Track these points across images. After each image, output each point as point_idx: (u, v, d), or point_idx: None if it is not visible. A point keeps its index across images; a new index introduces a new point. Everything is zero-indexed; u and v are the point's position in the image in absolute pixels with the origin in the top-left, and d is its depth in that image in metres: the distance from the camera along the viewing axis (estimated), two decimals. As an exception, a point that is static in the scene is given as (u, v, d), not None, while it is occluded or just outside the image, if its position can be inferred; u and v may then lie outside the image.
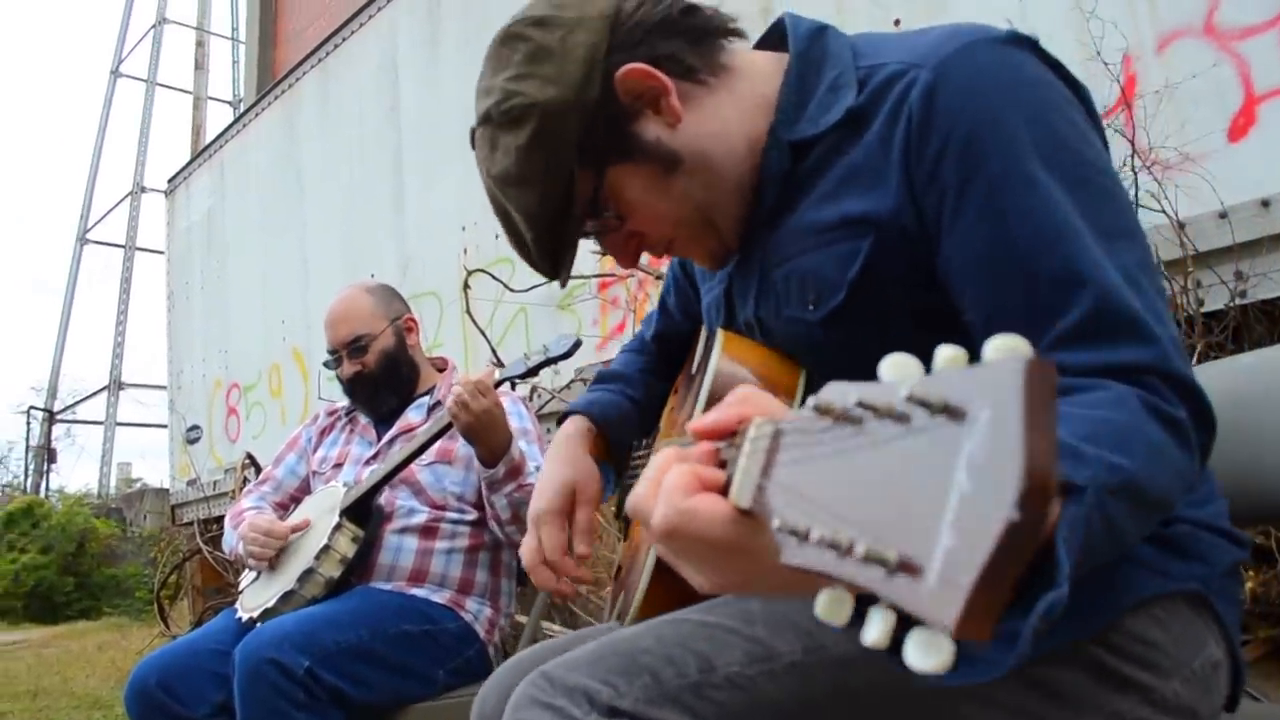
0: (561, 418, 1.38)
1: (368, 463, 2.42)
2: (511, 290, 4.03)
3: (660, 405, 1.46)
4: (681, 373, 1.43)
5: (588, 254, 3.88)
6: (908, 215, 0.92)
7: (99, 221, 25.74)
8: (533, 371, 2.17)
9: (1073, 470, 0.65)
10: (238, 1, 26.95)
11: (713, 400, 1.01)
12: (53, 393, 24.54)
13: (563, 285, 1.16)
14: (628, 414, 1.39)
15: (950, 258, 0.90)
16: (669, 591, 1.03)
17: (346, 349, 2.46)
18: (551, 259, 1.09)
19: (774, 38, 1.12)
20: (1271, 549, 2.48)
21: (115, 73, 26.68)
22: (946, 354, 0.42)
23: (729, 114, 1.03)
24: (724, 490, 0.61)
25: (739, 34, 1.08)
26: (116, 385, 23.73)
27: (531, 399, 3.80)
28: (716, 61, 1.04)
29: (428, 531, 2.29)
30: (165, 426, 7.97)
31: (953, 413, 0.38)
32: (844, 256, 0.97)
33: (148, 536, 12.04)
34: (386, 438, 2.45)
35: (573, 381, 3.71)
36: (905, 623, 0.40)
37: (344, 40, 5.74)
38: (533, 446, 2.34)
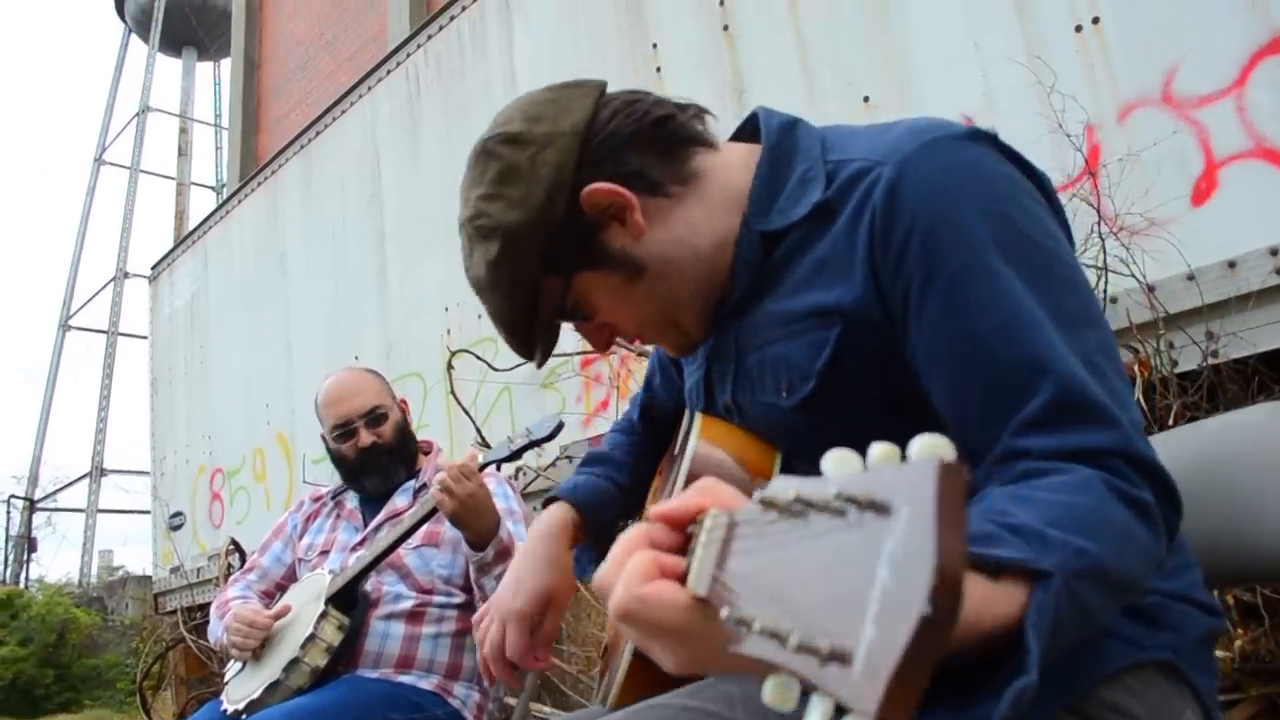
0: (546, 502, 1.39)
1: (354, 549, 2.41)
2: (495, 370, 4.05)
3: (646, 485, 1.47)
4: (666, 454, 1.45)
5: (569, 331, 3.91)
6: (874, 306, 0.95)
7: (82, 308, 25.74)
8: (516, 454, 2.18)
9: (1039, 556, 0.67)
10: (221, 89, 27.39)
11: (691, 482, 1.03)
12: (33, 481, 24.26)
13: (539, 366, 1.20)
14: (610, 499, 1.41)
15: (916, 349, 0.93)
16: (649, 675, 1.03)
17: (364, 419, 2.47)
18: (525, 350, 1.14)
19: (749, 129, 1.15)
20: (1259, 606, 2.48)
21: (99, 160, 26.91)
22: (879, 450, 0.44)
23: (696, 219, 1.07)
24: (683, 578, 0.63)
25: (710, 144, 1.11)
26: (98, 472, 23.49)
27: (517, 478, 3.80)
28: (685, 170, 1.07)
29: (414, 616, 2.28)
30: (148, 513, 7.88)
31: (879, 508, 0.41)
32: (813, 346, 1.00)
33: (130, 625, 11.84)
34: (374, 523, 2.45)
35: (558, 459, 3.71)
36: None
37: (326, 127, 5.83)
38: (519, 526, 2.34)
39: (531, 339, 1.12)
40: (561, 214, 1.03)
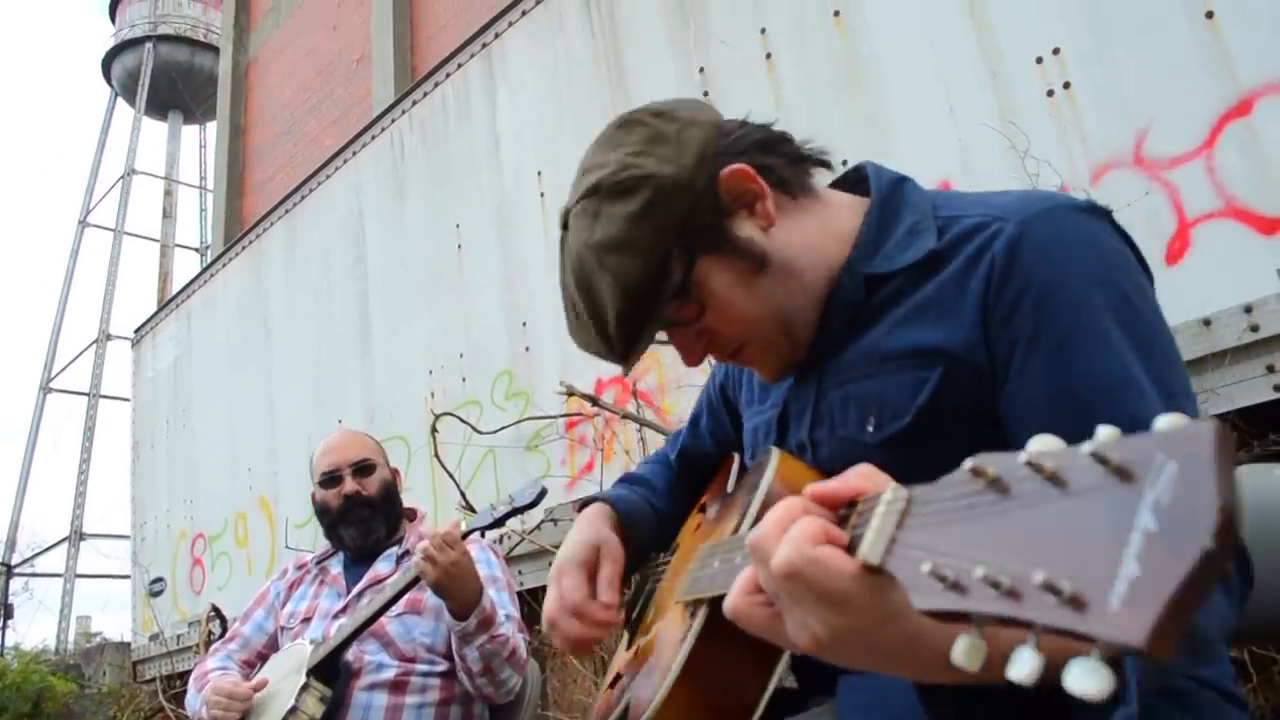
0: (584, 504, 1.37)
1: (336, 616, 2.38)
2: (479, 432, 4.05)
3: (679, 524, 1.44)
4: (708, 493, 1.42)
5: (552, 395, 3.93)
6: (979, 352, 0.97)
7: (63, 370, 25.60)
8: (499, 522, 2.17)
9: None
10: (206, 152, 27.57)
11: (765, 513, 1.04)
12: (11, 545, 23.92)
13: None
14: (649, 521, 1.39)
15: (1014, 397, 0.95)
16: (694, 696, 1.01)
17: (352, 468, 2.50)
18: (629, 338, 1.09)
19: (847, 182, 1.21)
20: (1246, 663, 2.48)
21: (83, 222, 26.95)
22: (1106, 430, 0.48)
23: (815, 233, 1.10)
24: (848, 550, 0.65)
25: (827, 164, 1.16)
26: (77, 536, 23.19)
27: (501, 542, 3.77)
28: (808, 185, 1.13)
29: (397, 686, 2.24)
30: (128, 577, 7.78)
31: (1124, 474, 0.44)
32: (913, 383, 1.01)
33: (107, 694, 11.61)
34: (355, 590, 2.42)
35: (543, 523, 3.70)
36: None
37: (311, 191, 5.87)
38: (503, 594, 2.32)
39: (643, 319, 1.08)
40: (703, 186, 1.05)
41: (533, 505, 2.14)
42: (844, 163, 3.39)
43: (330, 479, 2.50)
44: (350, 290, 5.34)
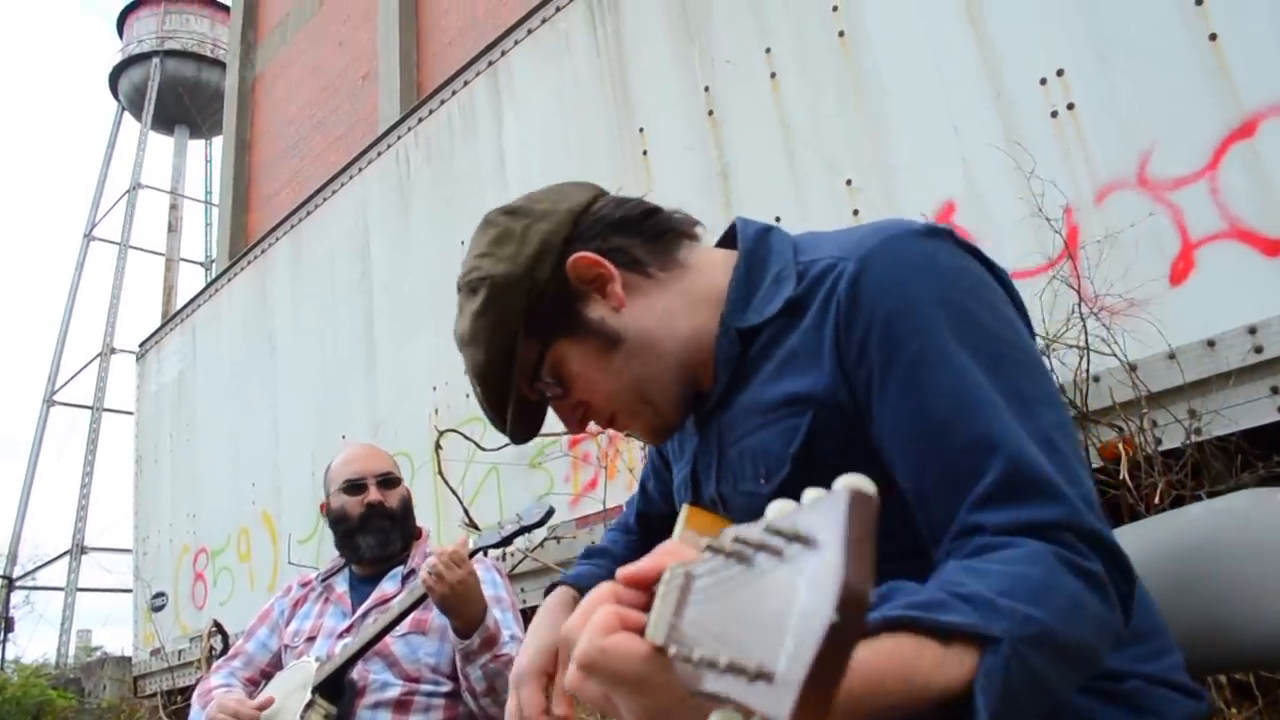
0: (548, 590, 1.39)
1: (341, 636, 2.38)
2: (483, 449, 4.05)
3: None
4: None
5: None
6: (842, 392, 1.00)
7: (67, 383, 25.63)
8: (506, 540, 2.17)
9: (988, 622, 0.71)
10: (212, 166, 27.67)
11: None
12: (12, 558, 23.90)
13: (516, 442, 1.24)
14: None
15: (880, 432, 0.97)
16: None
17: (377, 479, 2.51)
18: (497, 412, 1.19)
19: (729, 237, 1.23)
20: (1251, 685, 2.47)
21: (88, 236, 27.03)
22: (810, 493, 0.48)
23: (675, 304, 1.14)
24: (644, 631, 0.66)
25: (692, 236, 1.20)
26: (79, 549, 23.16)
27: (505, 559, 3.77)
28: (670, 258, 1.16)
29: (402, 705, 2.24)
30: (129, 592, 7.77)
31: (805, 541, 0.45)
32: (787, 432, 1.04)
33: (107, 708, 11.58)
34: (361, 610, 2.42)
35: (546, 540, 3.70)
36: None
37: (316, 207, 5.89)
38: (507, 614, 2.32)
39: (504, 399, 1.16)
40: (546, 276, 1.12)
41: (540, 524, 2.14)
42: (848, 182, 3.41)
43: (354, 486, 2.50)
44: (355, 306, 5.36)
